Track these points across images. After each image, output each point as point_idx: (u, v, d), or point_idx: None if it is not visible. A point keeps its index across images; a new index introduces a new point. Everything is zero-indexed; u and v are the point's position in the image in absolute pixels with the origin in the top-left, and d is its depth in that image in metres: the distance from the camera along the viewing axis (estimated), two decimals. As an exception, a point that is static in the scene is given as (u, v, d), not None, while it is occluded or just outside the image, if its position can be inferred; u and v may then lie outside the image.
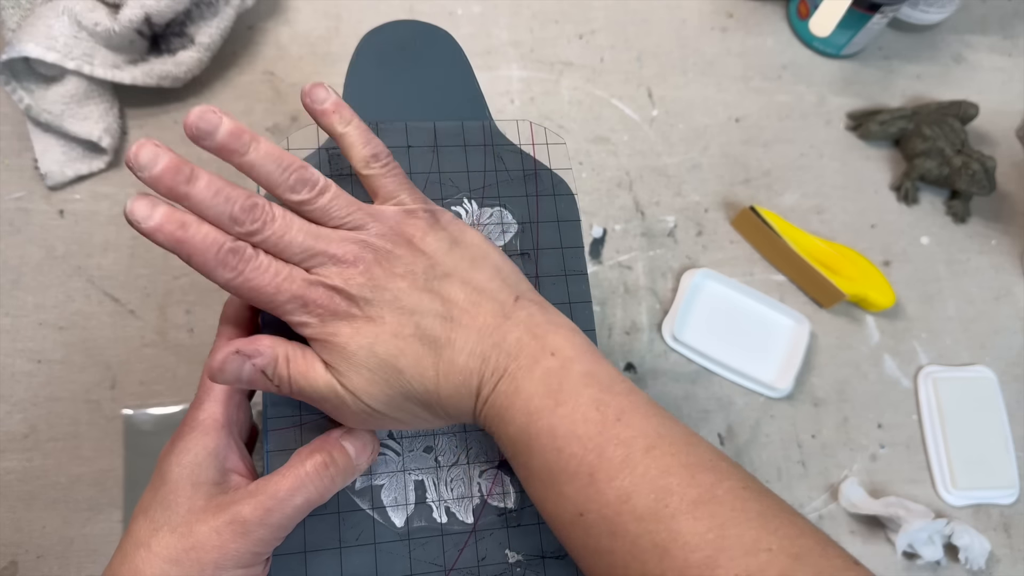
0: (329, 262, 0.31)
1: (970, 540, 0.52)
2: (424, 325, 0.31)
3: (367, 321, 0.31)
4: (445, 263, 0.33)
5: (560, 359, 0.32)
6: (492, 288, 0.33)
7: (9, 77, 0.52)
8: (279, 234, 0.31)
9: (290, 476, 0.31)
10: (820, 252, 0.59)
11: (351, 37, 0.62)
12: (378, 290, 0.31)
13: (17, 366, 0.50)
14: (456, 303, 0.32)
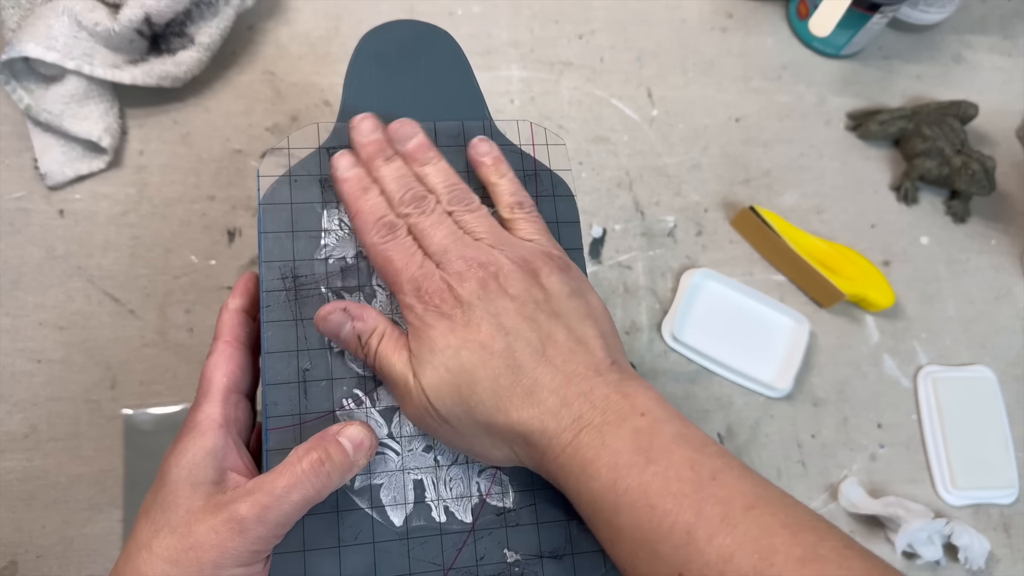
0: (456, 261, 0.33)
1: (970, 540, 0.52)
2: (515, 348, 0.32)
3: (464, 325, 0.32)
4: (558, 305, 0.34)
5: (650, 419, 0.31)
6: (593, 345, 0.33)
7: (9, 77, 0.52)
8: (427, 224, 0.35)
9: (286, 473, 0.31)
10: (820, 252, 0.59)
11: (351, 37, 0.62)
12: (485, 300, 0.33)
13: (17, 366, 0.50)
14: (554, 343, 0.33)
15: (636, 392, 0.32)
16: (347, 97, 0.39)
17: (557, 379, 0.32)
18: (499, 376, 0.32)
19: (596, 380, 0.32)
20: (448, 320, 0.32)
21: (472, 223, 0.35)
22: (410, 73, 0.40)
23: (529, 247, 0.35)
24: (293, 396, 0.34)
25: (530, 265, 0.34)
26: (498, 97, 0.63)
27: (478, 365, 0.32)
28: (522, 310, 0.33)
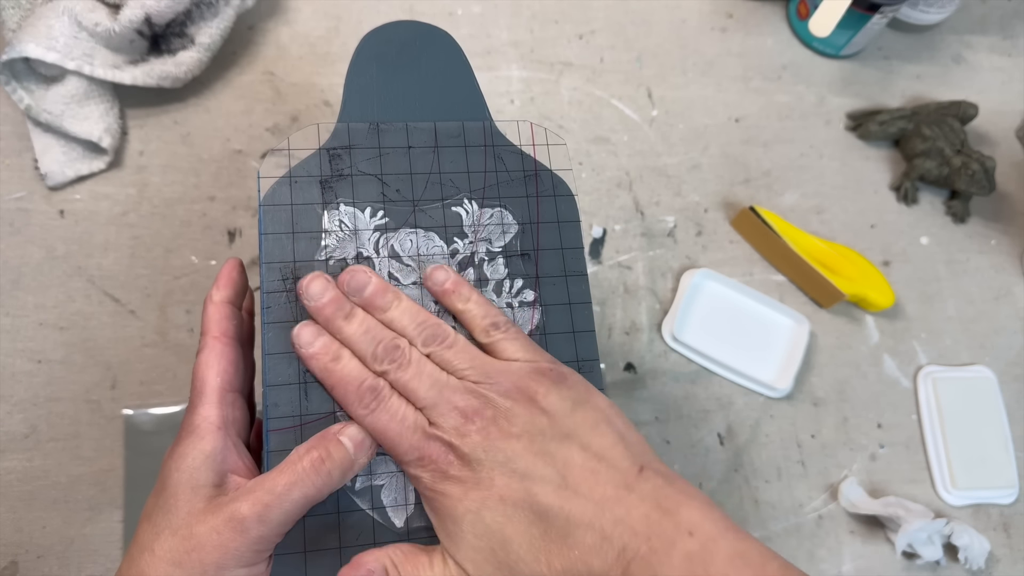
0: (449, 414, 0.32)
1: (969, 540, 0.52)
2: (535, 491, 0.30)
3: (476, 484, 0.31)
4: (565, 424, 0.32)
5: (700, 539, 0.29)
6: (614, 455, 0.31)
7: (9, 77, 0.52)
8: (409, 377, 0.33)
9: (287, 471, 0.31)
10: (820, 252, 0.59)
11: (351, 37, 0.62)
12: (491, 450, 0.31)
13: (17, 366, 0.50)
14: (572, 469, 0.31)
15: (677, 504, 0.30)
16: (347, 97, 0.39)
17: (589, 510, 0.30)
18: (531, 527, 0.30)
19: (630, 499, 0.30)
20: (459, 483, 0.31)
21: (453, 360, 0.34)
22: (410, 73, 0.40)
23: (518, 369, 0.33)
24: (294, 397, 0.34)
25: (525, 392, 0.32)
26: (498, 97, 0.63)
27: (504, 522, 0.30)
28: (531, 447, 0.31)
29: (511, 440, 0.31)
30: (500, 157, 0.39)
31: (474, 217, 0.38)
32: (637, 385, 0.56)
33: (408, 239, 0.37)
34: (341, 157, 0.38)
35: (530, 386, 0.33)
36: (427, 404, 0.33)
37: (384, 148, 0.38)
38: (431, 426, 0.32)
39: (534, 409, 0.32)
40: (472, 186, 0.39)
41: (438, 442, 0.32)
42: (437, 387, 0.33)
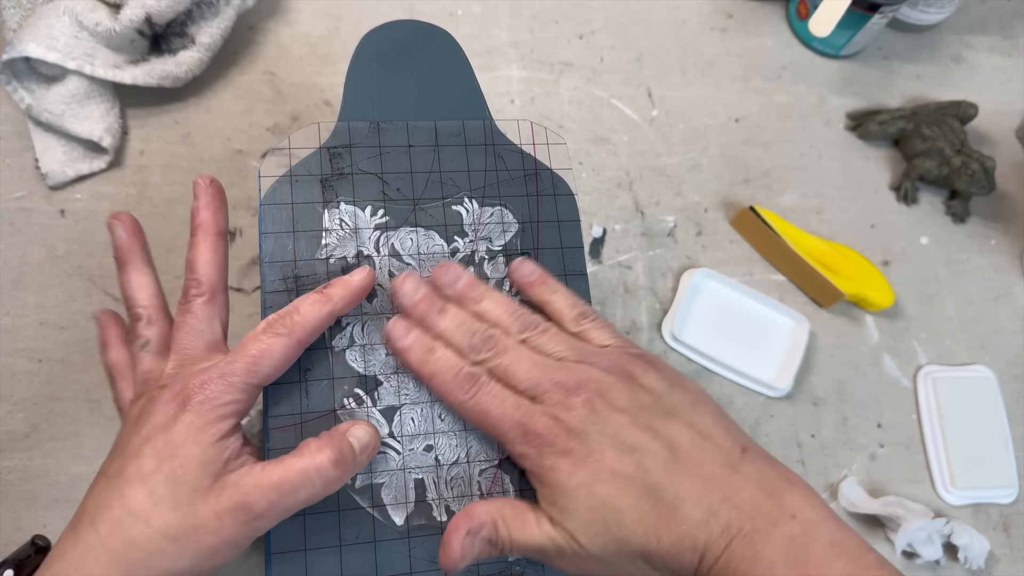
0: (552, 390, 0.32)
1: (969, 539, 0.52)
2: (646, 465, 0.31)
3: (586, 456, 0.31)
4: (667, 401, 0.32)
5: (802, 523, 0.29)
6: (717, 435, 0.32)
7: (10, 77, 0.52)
8: (508, 363, 0.33)
9: (298, 469, 0.31)
10: (820, 252, 0.59)
11: (351, 37, 0.62)
12: (599, 423, 0.31)
13: (18, 366, 0.50)
14: (679, 446, 0.31)
15: (781, 488, 0.30)
16: (348, 97, 0.39)
17: (697, 487, 0.30)
18: (640, 500, 0.30)
19: (736, 479, 0.30)
20: (568, 456, 0.31)
21: (549, 345, 0.34)
22: (411, 73, 0.40)
23: (613, 350, 0.34)
24: (294, 396, 0.34)
25: (624, 370, 0.33)
26: (498, 97, 0.63)
27: (617, 496, 0.30)
28: (637, 420, 0.31)
29: (617, 413, 0.32)
30: (500, 156, 0.40)
31: (474, 216, 0.38)
32: (637, 385, 0.55)
33: (408, 238, 0.37)
34: (341, 156, 0.38)
35: (627, 366, 0.33)
36: (528, 385, 0.33)
37: (384, 147, 0.38)
38: (534, 401, 0.33)
39: (635, 386, 0.32)
40: (472, 185, 0.39)
41: (543, 416, 0.32)
42: (538, 368, 0.33)
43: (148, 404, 0.32)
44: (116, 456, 0.32)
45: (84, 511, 0.30)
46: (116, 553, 0.29)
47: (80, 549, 0.29)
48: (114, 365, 0.37)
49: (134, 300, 0.37)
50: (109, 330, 0.39)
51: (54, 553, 0.30)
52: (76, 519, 0.30)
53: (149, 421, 0.31)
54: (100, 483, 0.31)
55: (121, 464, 0.31)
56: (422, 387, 0.36)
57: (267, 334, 0.33)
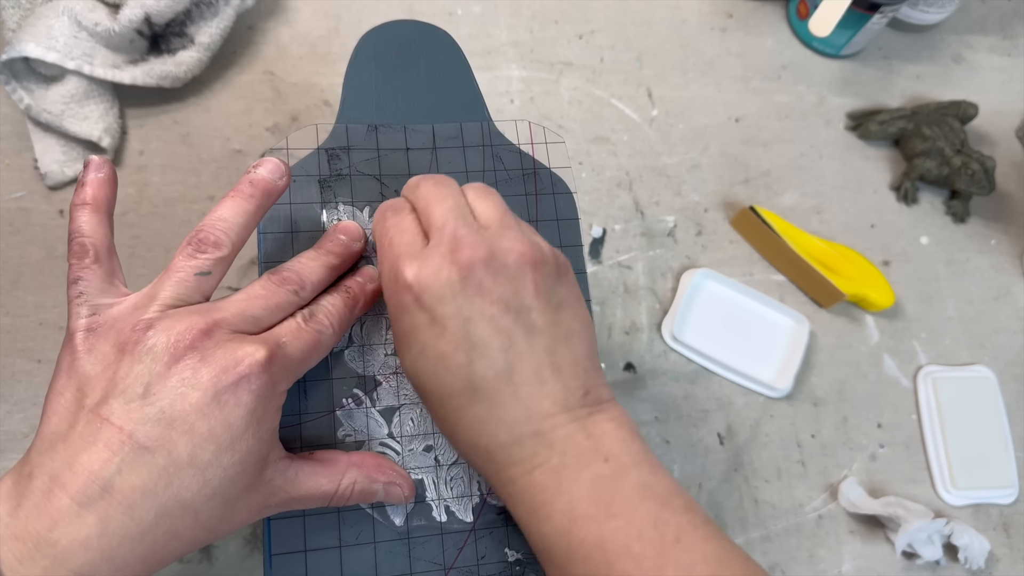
0: (446, 240, 0.30)
1: (969, 540, 0.52)
2: (476, 366, 0.29)
3: (429, 323, 0.30)
4: (541, 319, 0.30)
5: (614, 466, 0.29)
6: (567, 373, 0.30)
7: (9, 77, 0.52)
8: (433, 196, 0.32)
9: (326, 489, 0.31)
10: (820, 252, 0.59)
11: (351, 37, 0.62)
12: (460, 296, 0.29)
13: (17, 366, 0.50)
14: (523, 368, 0.29)
15: (603, 431, 0.30)
16: (347, 97, 0.39)
17: (515, 412, 0.29)
18: (452, 395, 0.30)
19: (560, 418, 0.30)
20: (411, 315, 0.30)
21: (485, 208, 0.32)
22: (410, 73, 0.40)
23: (531, 242, 0.31)
24: (293, 396, 0.34)
25: (525, 260, 0.30)
26: (498, 97, 0.63)
27: (431, 377, 0.30)
28: (500, 319, 0.29)
29: (485, 298, 0.29)
30: (498, 156, 0.39)
31: None
32: (637, 385, 0.55)
33: None
34: (339, 157, 0.38)
35: (538, 257, 0.31)
36: (436, 224, 0.31)
37: (382, 149, 0.38)
38: (426, 243, 0.31)
39: (522, 286, 0.30)
40: None
41: (415, 264, 0.30)
42: (454, 213, 0.31)
43: (197, 361, 0.28)
44: (148, 410, 0.27)
45: (112, 488, 0.26)
46: (158, 545, 0.27)
47: (113, 540, 0.26)
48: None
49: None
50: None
51: (72, 535, 0.26)
52: (88, 490, 0.26)
53: (196, 387, 0.27)
54: (129, 452, 0.26)
55: (165, 435, 0.27)
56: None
57: (311, 327, 0.31)
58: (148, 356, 0.27)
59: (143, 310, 0.29)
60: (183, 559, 0.47)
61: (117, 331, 0.28)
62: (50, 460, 0.26)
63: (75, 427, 0.27)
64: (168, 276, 0.30)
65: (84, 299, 0.30)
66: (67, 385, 0.28)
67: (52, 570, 0.25)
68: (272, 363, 0.29)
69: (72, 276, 0.30)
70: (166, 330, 0.28)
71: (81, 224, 0.31)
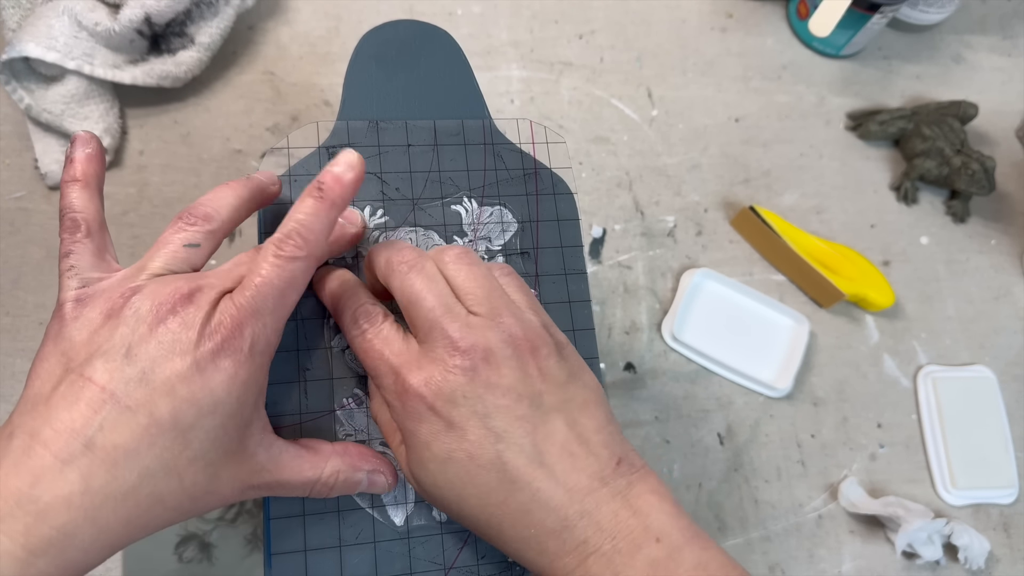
0: (441, 341, 0.30)
1: (969, 540, 0.52)
2: (507, 458, 0.29)
3: (446, 429, 0.29)
4: (556, 395, 0.30)
5: (667, 547, 0.28)
6: (595, 442, 0.30)
7: (9, 77, 0.52)
8: (412, 281, 0.31)
9: (308, 475, 0.31)
10: (820, 252, 0.59)
11: (351, 37, 0.62)
12: (472, 397, 0.29)
13: (17, 366, 0.50)
14: (552, 447, 0.29)
15: (649, 506, 0.29)
16: (347, 96, 0.39)
17: (556, 494, 0.29)
18: (491, 491, 0.29)
19: (602, 493, 0.29)
20: (429, 424, 0.29)
21: (467, 281, 0.31)
22: (410, 73, 0.40)
23: (532, 319, 0.31)
24: (294, 395, 0.34)
25: (528, 344, 0.30)
26: (498, 97, 0.63)
27: (466, 481, 0.29)
28: (515, 407, 0.29)
29: (496, 392, 0.29)
30: (499, 155, 0.39)
31: (473, 215, 0.38)
32: (637, 385, 0.56)
33: (407, 237, 0.37)
34: None
35: (536, 340, 0.30)
36: (421, 327, 0.31)
37: (384, 146, 0.38)
38: (421, 345, 0.31)
39: (530, 367, 0.30)
40: (472, 184, 0.39)
41: (421, 373, 0.30)
42: (439, 309, 0.30)
43: (179, 325, 0.27)
44: (129, 370, 0.27)
45: (94, 445, 0.25)
46: (141, 508, 0.26)
47: (96, 499, 0.25)
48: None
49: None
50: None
51: (54, 491, 0.25)
52: (71, 447, 0.25)
53: (177, 351, 0.27)
54: (111, 410, 0.26)
55: (147, 395, 0.26)
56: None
57: (281, 258, 0.29)
58: (132, 318, 0.28)
59: (132, 280, 0.29)
60: (183, 559, 0.47)
61: (105, 299, 0.29)
62: (31, 419, 0.26)
63: (58, 388, 0.27)
64: (157, 248, 0.31)
65: (75, 272, 0.30)
66: (52, 351, 0.28)
67: (34, 528, 0.24)
68: (246, 323, 0.29)
69: (63, 250, 0.30)
70: (151, 295, 0.28)
71: (72, 200, 0.31)
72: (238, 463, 0.29)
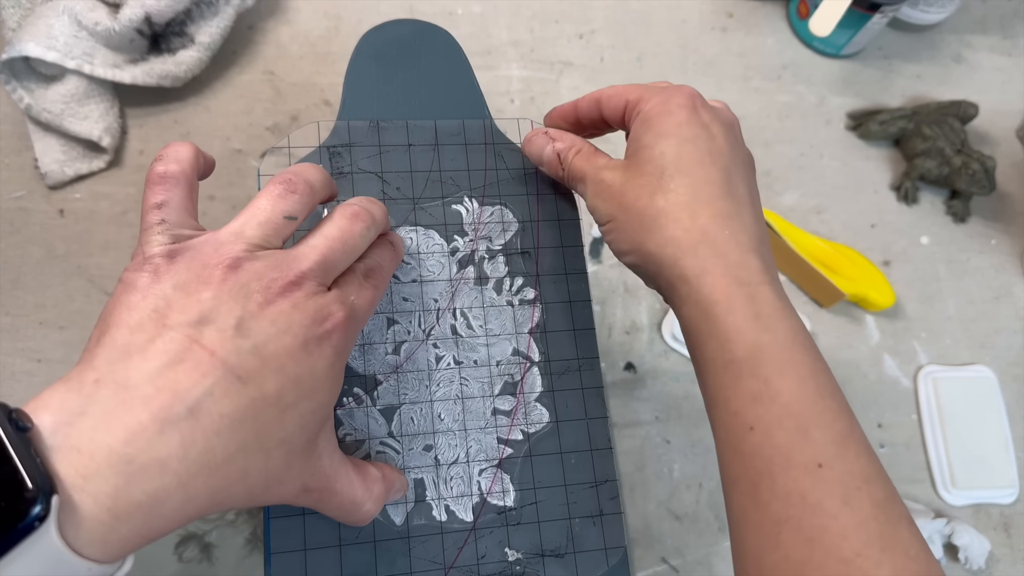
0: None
1: (970, 540, 0.52)
2: (726, 180, 0.36)
3: (688, 118, 0.35)
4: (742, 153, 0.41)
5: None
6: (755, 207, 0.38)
7: (9, 76, 0.52)
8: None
9: (357, 496, 0.31)
10: (820, 252, 0.59)
11: (351, 37, 0.62)
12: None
13: (17, 365, 0.50)
14: (744, 204, 0.36)
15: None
16: (347, 96, 0.39)
17: (753, 225, 0.34)
18: (703, 185, 0.34)
19: (747, 257, 0.32)
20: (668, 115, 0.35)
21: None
22: (410, 72, 0.40)
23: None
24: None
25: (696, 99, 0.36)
26: (498, 97, 0.63)
27: (685, 164, 0.34)
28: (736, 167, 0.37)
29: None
30: (500, 155, 0.39)
31: (474, 215, 0.38)
32: (637, 385, 0.55)
33: (408, 236, 0.37)
34: (341, 155, 0.38)
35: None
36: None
37: (384, 146, 0.38)
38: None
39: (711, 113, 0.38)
40: (472, 184, 0.39)
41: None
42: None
43: (290, 307, 0.27)
44: (242, 342, 0.26)
45: (199, 411, 0.24)
46: (228, 481, 0.25)
47: (192, 467, 0.24)
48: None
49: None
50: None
51: (151, 453, 0.23)
52: (174, 408, 0.24)
53: (290, 330, 0.27)
54: (222, 377, 0.25)
55: (259, 368, 0.26)
56: (421, 386, 0.36)
57: (370, 284, 0.31)
58: (241, 293, 0.26)
59: (230, 246, 0.27)
60: (183, 559, 0.47)
61: (202, 262, 0.27)
62: (123, 369, 0.24)
63: (155, 342, 0.24)
64: (254, 215, 0.29)
65: (166, 227, 0.28)
66: (141, 302, 0.26)
67: (123, 490, 0.22)
68: (349, 323, 0.29)
69: (153, 200, 0.29)
70: (257, 273, 0.27)
71: (169, 151, 0.30)
72: (307, 458, 0.29)
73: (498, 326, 0.37)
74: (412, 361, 0.36)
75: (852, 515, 0.28)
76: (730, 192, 0.34)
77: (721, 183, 0.34)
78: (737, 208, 0.34)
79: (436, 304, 0.37)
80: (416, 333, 0.37)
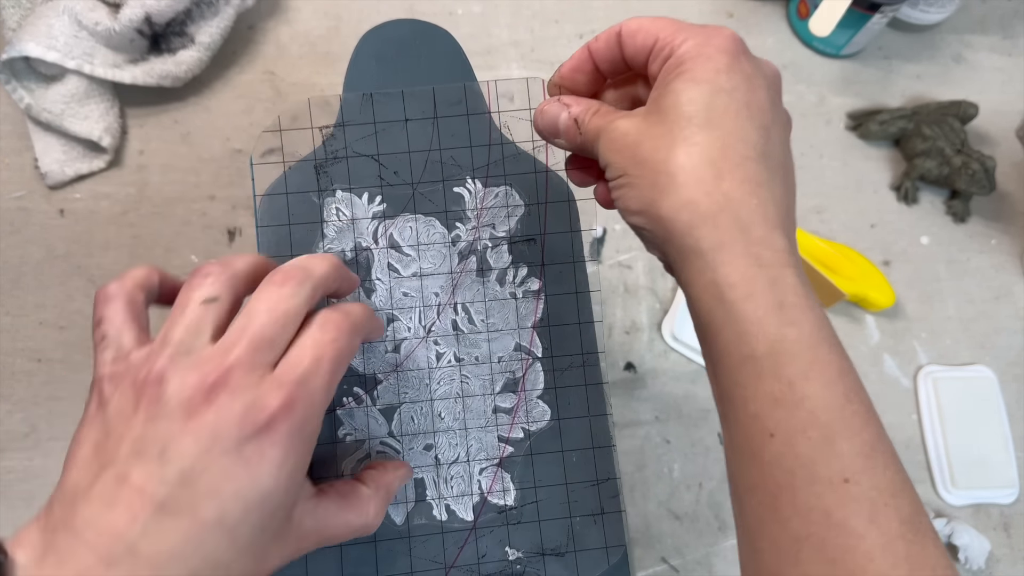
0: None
1: (970, 540, 0.52)
2: (765, 142, 0.30)
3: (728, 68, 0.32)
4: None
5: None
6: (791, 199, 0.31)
7: (9, 76, 0.52)
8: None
9: (356, 524, 0.31)
10: (820, 252, 0.59)
11: (351, 37, 0.62)
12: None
13: (17, 365, 0.50)
14: (777, 175, 0.30)
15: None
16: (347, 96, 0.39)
17: (785, 196, 0.29)
18: (743, 134, 0.29)
19: (771, 235, 0.28)
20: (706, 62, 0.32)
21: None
22: (410, 72, 0.40)
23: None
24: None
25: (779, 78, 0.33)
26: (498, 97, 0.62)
27: (721, 114, 0.29)
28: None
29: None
30: (507, 125, 0.38)
31: (478, 197, 0.37)
32: (637, 385, 0.55)
33: (408, 226, 0.37)
34: (335, 137, 0.37)
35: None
36: None
37: (380, 123, 0.37)
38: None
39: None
40: (475, 163, 0.37)
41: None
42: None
43: (213, 416, 0.26)
44: (168, 471, 0.25)
45: (137, 551, 0.24)
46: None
47: None
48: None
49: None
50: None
51: None
52: (114, 551, 0.24)
53: (216, 446, 0.25)
54: (152, 515, 0.25)
55: (189, 498, 0.25)
56: (421, 385, 0.36)
57: (327, 337, 0.28)
58: (163, 413, 0.26)
59: (156, 356, 0.27)
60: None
61: (132, 380, 0.27)
62: (71, 516, 0.25)
63: (95, 485, 0.25)
64: (175, 313, 0.28)
65: (106, 343, 0.28)
66: (87, 436, 0.27)
67: None
68: (295, 404, 0.26)
69: (95, 318, 0.29)
70: (180, 386, 0.26)
71: (111, 284, 0.30)
72: (285, 540, 0.28)
73: (500, 320, 0.37)
74: (412, 359, 0.36)
75: (879, 535, 0.26)
76: (765, 154, 0.28)
77: (756, 143, 0.28)
78: (770, 175, 0.28)
79: (437, 299, 0.36)
80: (416, 329, 0.36)
